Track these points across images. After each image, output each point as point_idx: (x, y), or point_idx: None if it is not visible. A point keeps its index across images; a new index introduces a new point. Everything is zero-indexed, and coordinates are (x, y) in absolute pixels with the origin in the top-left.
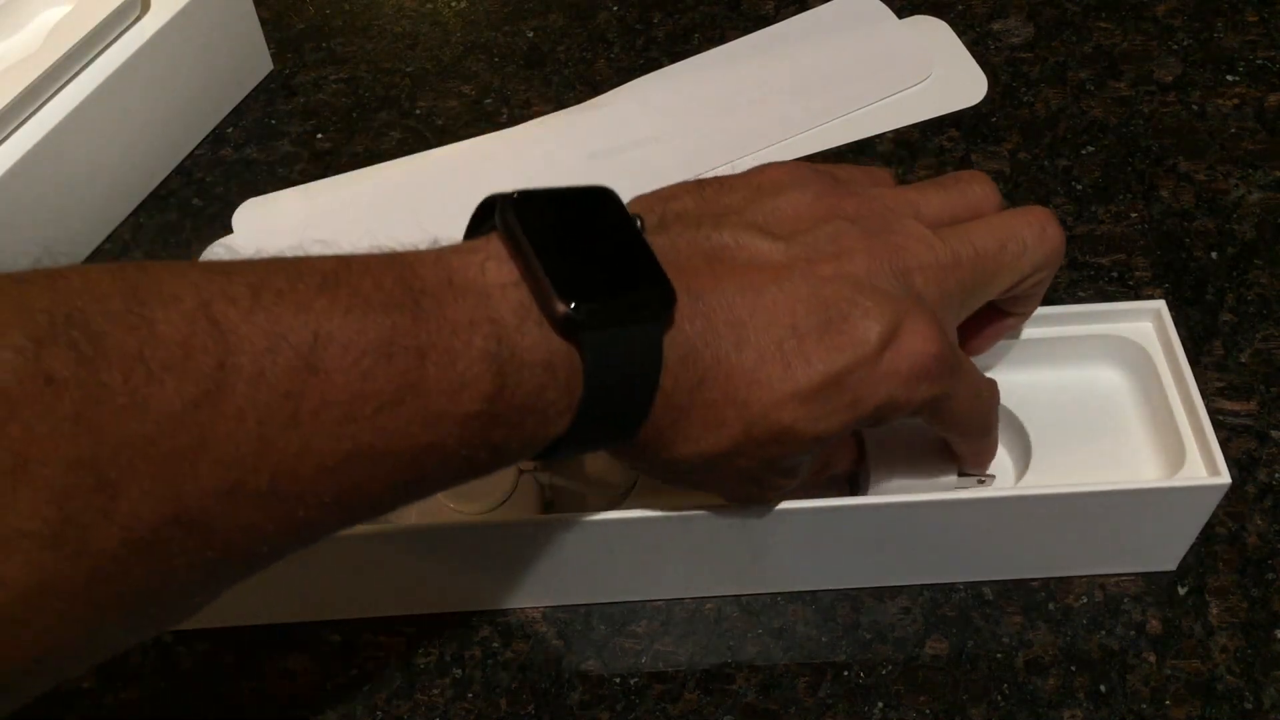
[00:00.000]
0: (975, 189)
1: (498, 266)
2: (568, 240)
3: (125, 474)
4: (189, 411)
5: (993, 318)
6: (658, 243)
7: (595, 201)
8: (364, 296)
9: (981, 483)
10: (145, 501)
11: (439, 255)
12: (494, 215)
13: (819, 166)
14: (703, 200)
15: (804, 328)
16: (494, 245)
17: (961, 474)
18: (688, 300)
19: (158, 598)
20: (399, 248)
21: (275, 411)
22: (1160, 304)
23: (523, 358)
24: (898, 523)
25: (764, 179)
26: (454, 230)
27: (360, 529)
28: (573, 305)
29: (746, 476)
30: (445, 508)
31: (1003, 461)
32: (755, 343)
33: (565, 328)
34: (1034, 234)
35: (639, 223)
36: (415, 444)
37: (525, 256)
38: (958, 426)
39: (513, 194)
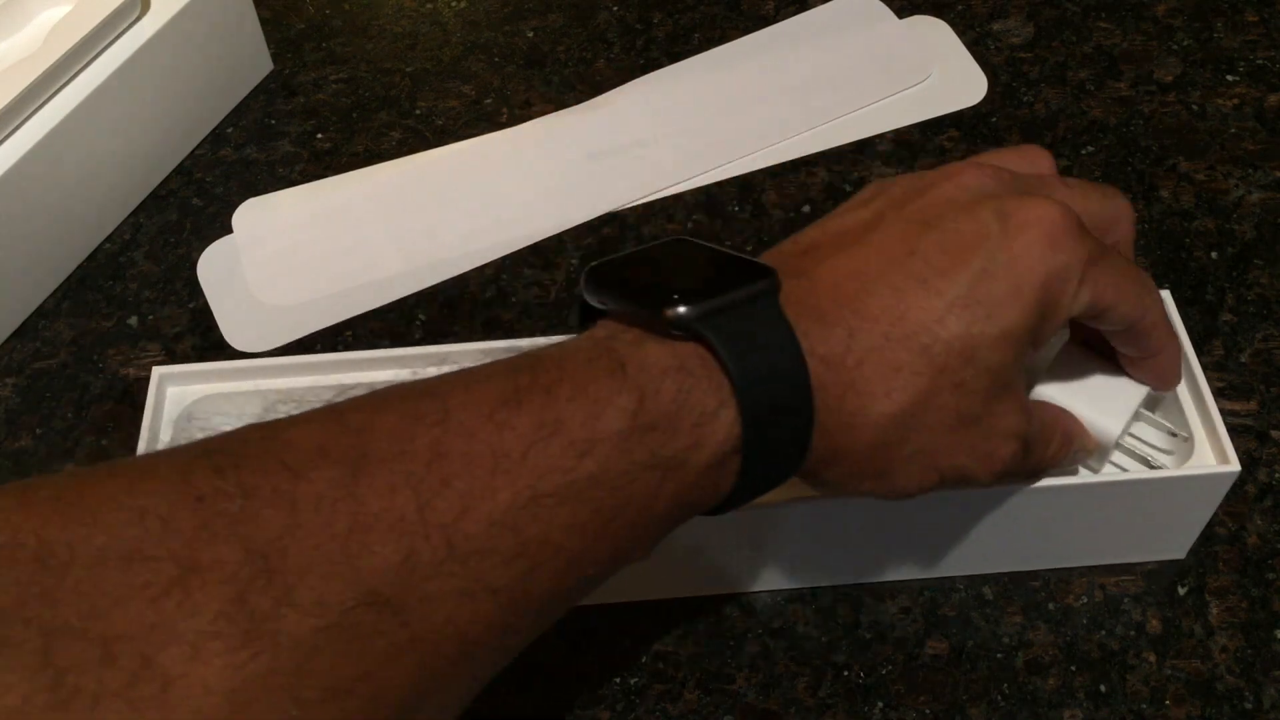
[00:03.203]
0: (1118, 201)
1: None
2: (663, 270)
3: (295, 560)
4: (341, 490)
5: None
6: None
7: (676, 242)
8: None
9: (1181, 439)
10: (327, 584)
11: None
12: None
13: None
14: (805, 244)
15: (922, 248)
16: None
17: (1149, 416)
18: (799, 281)
19: (372, 694)
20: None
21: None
22: (1164, 293)
23: (649, 365)
24: (907, 514)
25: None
26: (453, 230)
27: None
28: (682, 308)
29: (966, 419)
30: None
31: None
32: (885, 282)
33: (680, 325)
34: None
35: (727, 246)
36: (571, 475)
37: (620, 304)
38: (1131, 311)
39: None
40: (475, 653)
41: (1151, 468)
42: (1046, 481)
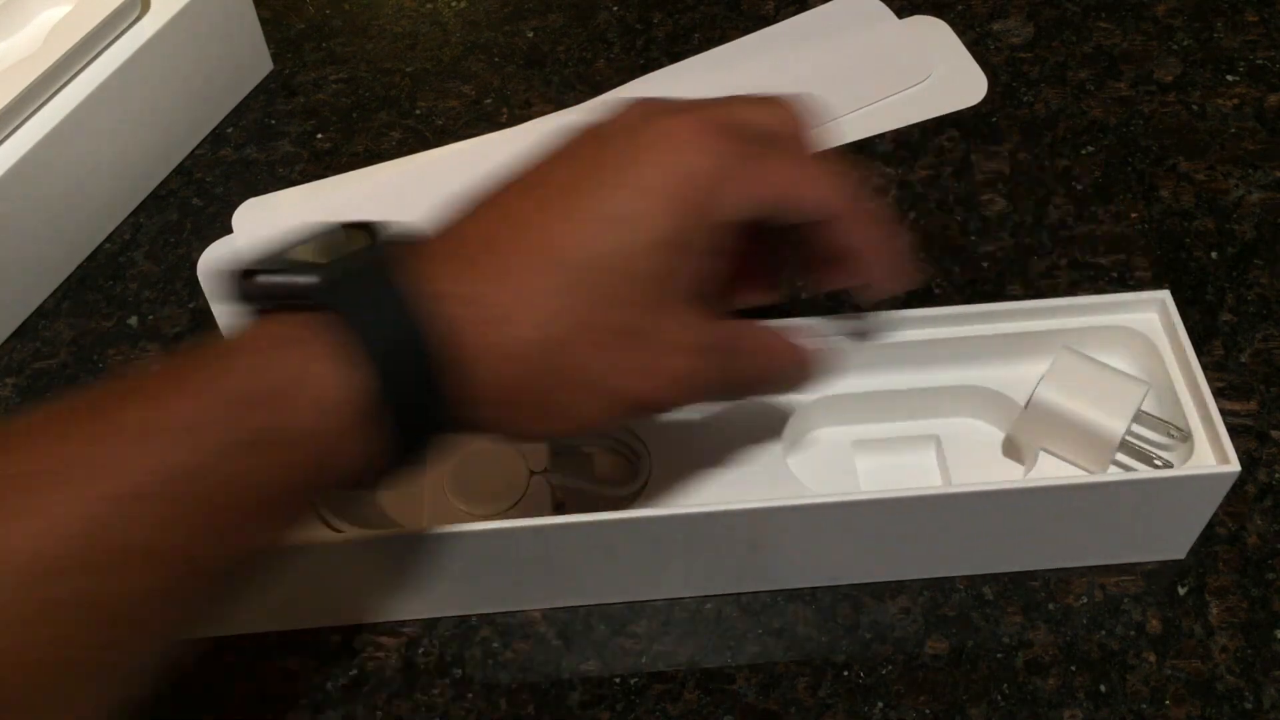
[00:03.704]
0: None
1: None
2: (278, 250)
3: None
4: None
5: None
6: None
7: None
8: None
9: (1182, 438)
10: None
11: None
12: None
13: None
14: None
15: (554, 177)
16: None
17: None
18: (444, 235)
19: None
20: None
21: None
22: (1165, 294)
23: (260, 342)
24: (904, 516)
25: None
26: None
27: (362, 533)
28: (298, 278)
29: (622, 336)
30: (458, 511)
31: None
32: (520, 214)
33: (302, 296)
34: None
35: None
36: (157, 473)
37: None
38: (810, 199)
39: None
40: (83, 668)
41: (1153, 466)
42: (1047, 481)
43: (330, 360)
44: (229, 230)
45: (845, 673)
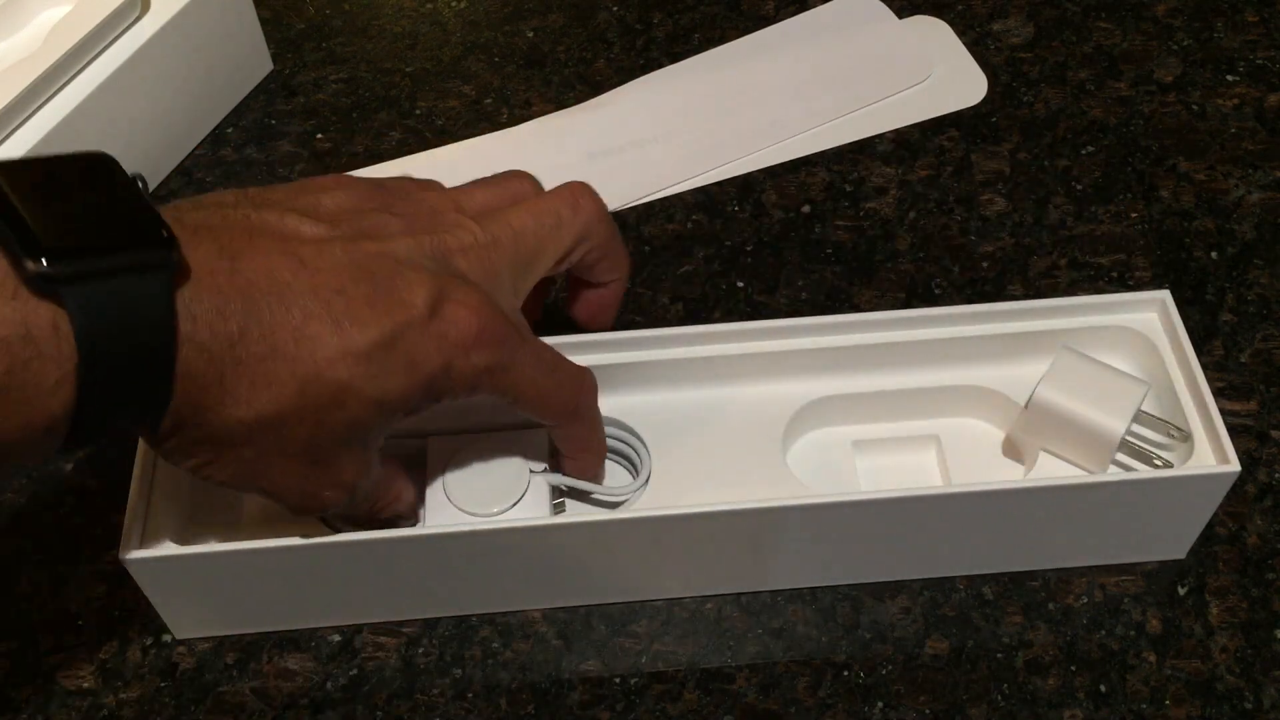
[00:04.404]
0: (515, 183)
1: None
2: (48, 203)
3: None
4: None
5: (591, 288)
6: (190, 216)
7: (89, 165)
8: None
9: (1181, 438)
10: None
11: None
12: None
13: (367, 179)
14: (244, 195)
15: (351, 292)
16: None
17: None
18: (221, 260)
19: None
20: None
21: None
22: (1165, 294)
23: None
24: (904, 516)
25: (309, 183)
26: None
27: (363, 535)
28: (45, 262)
29: (310, 455)
30: (459, 513)
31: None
32: (301, 303)
33: (42, 289)
34: (568, 208)
35: (141, 184)
36: None
37: None
38: (531, 402)
39: None
40: None
41: (1153, 466)
42: (1047, 481)
43: (57, 367)
44: None
45: (845, 673)
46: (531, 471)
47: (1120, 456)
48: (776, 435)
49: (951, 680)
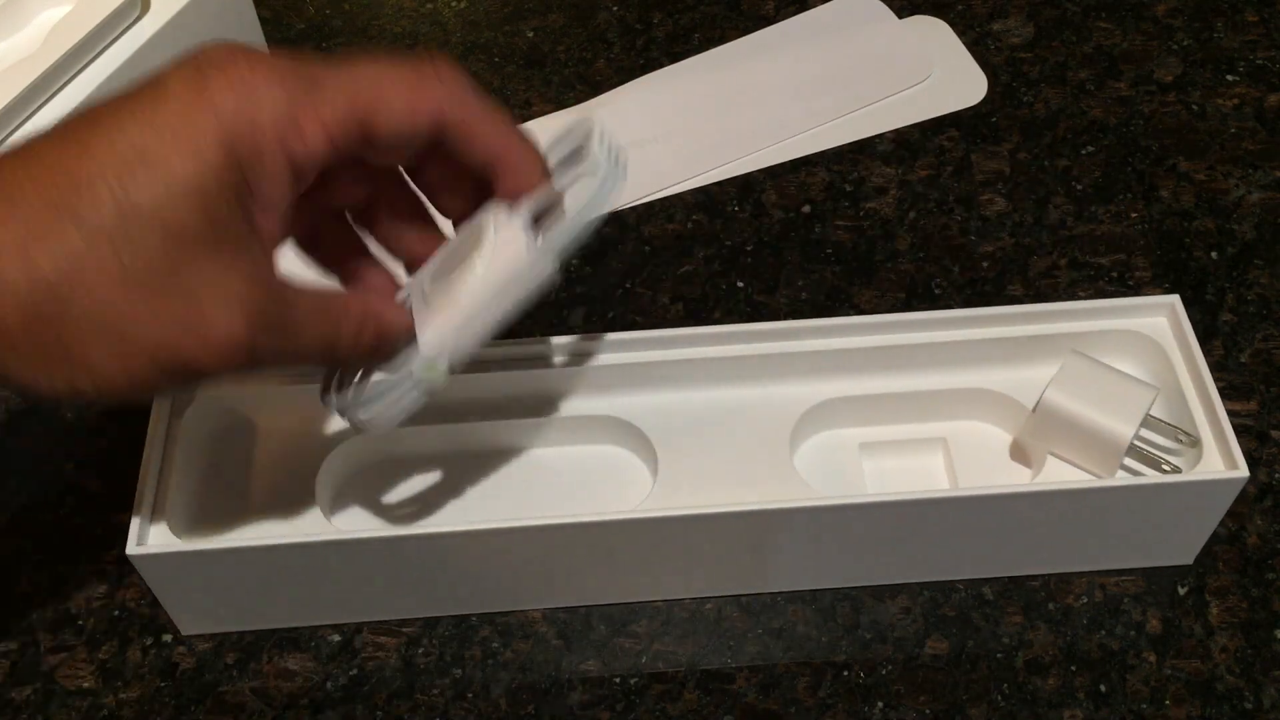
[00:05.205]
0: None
1: None
2: None
3: None
4: None
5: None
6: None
7: None
8: None
9: (1190, 443)
10: None
11: None
12: None
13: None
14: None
15: (98, 115)
16: None
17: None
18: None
19: None
20: None
21: None
22: (1174, 299)
23: None
24: (911, 519)
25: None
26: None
27: (363, 533)
28: None
29: (140, 280)
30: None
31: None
32: (50, 148)
33: None
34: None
35: None
36: None
37: None
38: (403, 113)
39: None
40: None
41: (1161, 472)
42: (1055, 485)
43: None
44: None
45: (845, 673)
46: (496, 223)
47: (1129, 461)
48: (784, 437)
49: (951, 680)
